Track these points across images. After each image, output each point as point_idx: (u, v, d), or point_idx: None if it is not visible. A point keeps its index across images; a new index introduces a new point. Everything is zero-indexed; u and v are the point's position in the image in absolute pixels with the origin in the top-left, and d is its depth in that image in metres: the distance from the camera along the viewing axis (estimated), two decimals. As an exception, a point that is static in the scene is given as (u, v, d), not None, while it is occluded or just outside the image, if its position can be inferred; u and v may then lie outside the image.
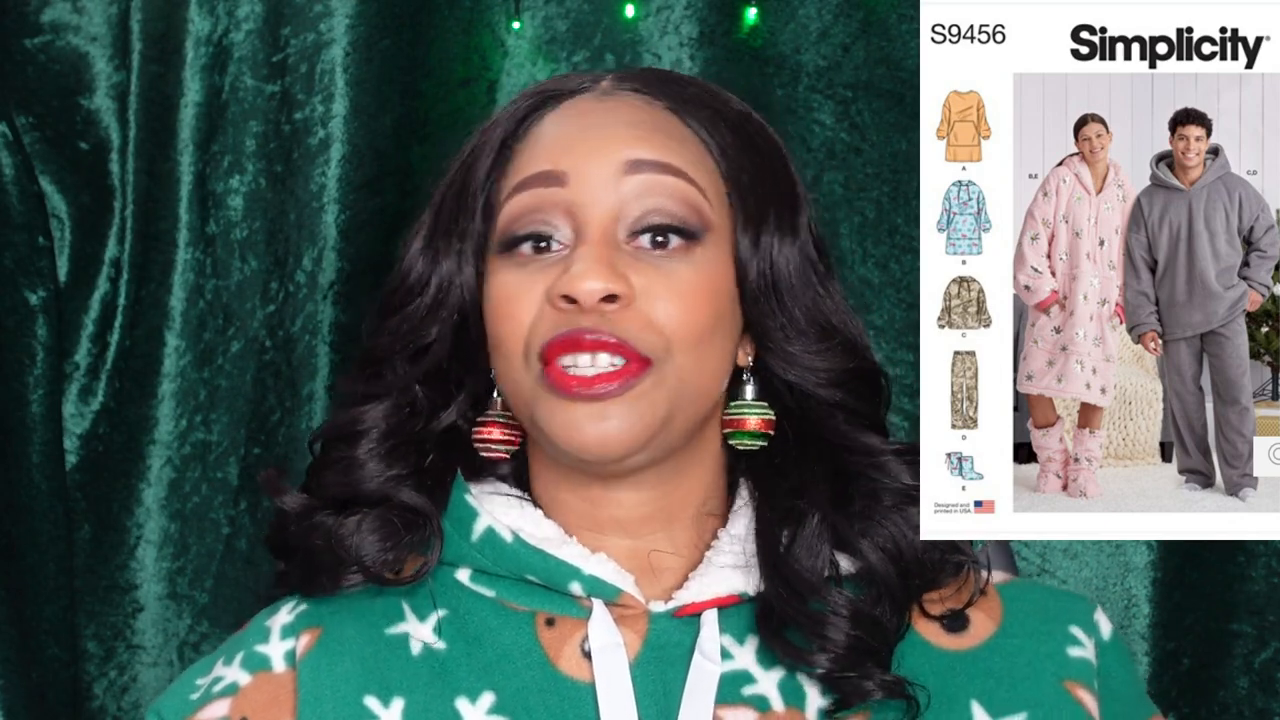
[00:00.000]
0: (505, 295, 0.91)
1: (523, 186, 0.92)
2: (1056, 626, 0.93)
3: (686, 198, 0.90)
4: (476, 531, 0.94)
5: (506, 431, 0.96)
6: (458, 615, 0.93)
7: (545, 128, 0.94)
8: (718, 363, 0.92)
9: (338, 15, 1.40)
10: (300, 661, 0.92)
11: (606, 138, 0.92)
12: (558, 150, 0.92)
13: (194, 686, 0.95)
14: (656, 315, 0.89)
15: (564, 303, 0.88)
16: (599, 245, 0.89)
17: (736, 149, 0.93)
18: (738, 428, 0.94)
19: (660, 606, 0.91)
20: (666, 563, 0.94)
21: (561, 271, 0.89)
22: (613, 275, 0.88)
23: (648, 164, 0.90)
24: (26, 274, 1.38)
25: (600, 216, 0.90)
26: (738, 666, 0.90)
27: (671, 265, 0.90)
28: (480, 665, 0.91)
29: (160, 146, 1.42)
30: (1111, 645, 0.95)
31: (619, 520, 0.94)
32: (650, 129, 0.92)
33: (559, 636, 0.91)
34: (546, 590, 0.92)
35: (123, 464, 1.44)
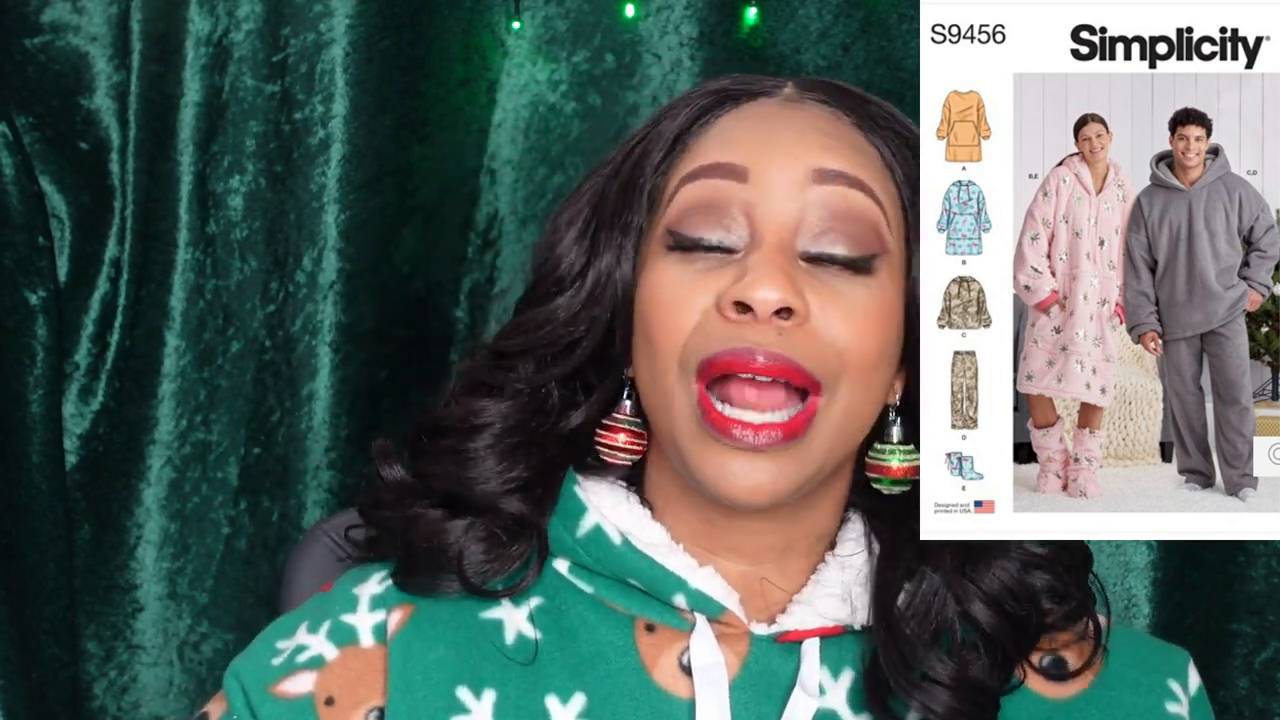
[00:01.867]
0: (668, 294, 0.86)
1: (698, 175, 0.87)
2: (1156, 679, 0.93)
3: (869, 218, 0.87)
4: (583, 528, 0.91)
5: (633, 439, 0.92)
6: (554, 605, 0.91)
7: (725, 123, 0.90)
8: (879, 395, 0.89)
9: (338, 15, 1.40)
10: (392, 641, 0.89)
11: (795, 141, 0.87)
12: (741, 145, 0.88)
13: (275, 650, 0.91)
14: (832, 337, 0.85)
15: (735, 312, 0.83)
16: (776, 253, 0.84)
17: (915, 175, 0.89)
18: (881, 473, 0.91)
19: (763, 630, 0.89)
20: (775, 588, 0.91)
21: (735, 277, 0.84)
22: (791, 288, 0.83)
23: (836, 175, 0.87)
24: (26, 274, 1.38)
25: (780, 222, 0.85)
26: (829, 705, 0.88)
27: (845, 286, 0.86)
28: (574, 663, 0.88)
29: (160, 146, 1.42)
30: (1198, 698, 0.94)
31: (734, 546, 0.91)
32: (839, 139, 0.89)
33: (657, 645, 0.89)
34: (647, 596, 0.90)
35: (123, 464, 1.44)
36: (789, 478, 0.85)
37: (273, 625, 0.94)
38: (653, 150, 0.90)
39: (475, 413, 0.91)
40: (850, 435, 0.88)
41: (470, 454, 0.91)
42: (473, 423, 0.91)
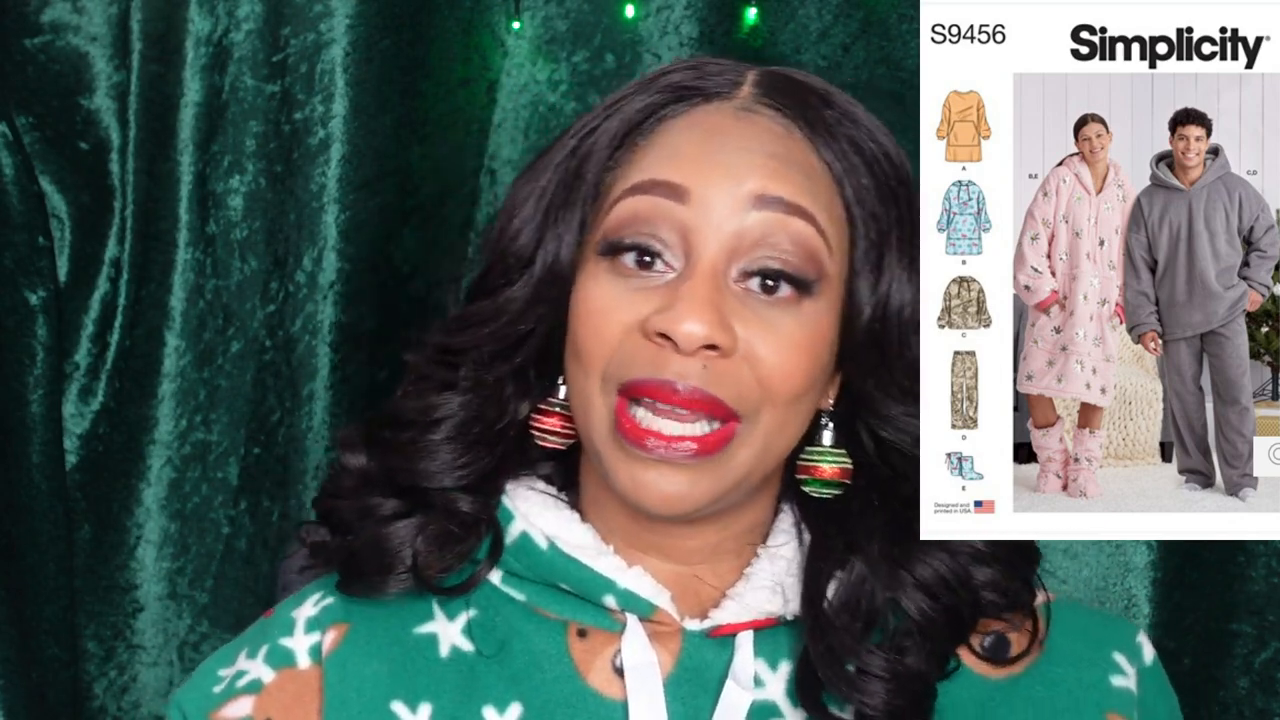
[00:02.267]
0: (598, 306, 0.86)
1: (640, 190, 0.86)
2: (1100, 653, 0.92)
3: (808, 245, 0.85)
4: (511, 535, 0.91)
5: (565, 424, 0.91)
6: (488, 617, 0.91)
7: (675, 134, 0.88)
8: (805, 419, 0.89)
9: (338, 15, 1.40)
10: (327, 659, 0.90)
11: (738, 164, 0.86)
12: (685, 162, 0.86)
13: (216, 678, 0.92)
14: (757, 370, 0.84)
15: (660, 340, 0.83)
16: (707, 283, 0.83)
17: (868, 186, 0.88)
18: (811, 475, 0.90)
19: (695, 625, 0.89)
20: (707, 585, 0.91)
21: (664, 301, 0.83)
22: (719, 323, 0.82)
23: (777, 202, 0.85)
24: (26, 274, 1.38)
25: (716, 247, 0.84)
26: (767, 697, 0.88)
27: (777, 316, 0.85)
28: (509, 673, 0.88)
29: (160, 146, 1.42)
30: (1152, 671, 0.94)
31: (662, 548, 0.91)
32: (786, 161, 0.87)
33: (590, 649, 0.89)
34: (579, 600, 0.90)
35: (123, 464, 1.44)
36: (704, 490, 0.85)
37: (215, 654, 0.95)
38: (600, 145, 0.89)
39: (434, 406, 0.91)
40: (774, 454, 0.88)
41: (430, 446, 0.90)
42: (431, 416, 0.91)
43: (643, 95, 0.90)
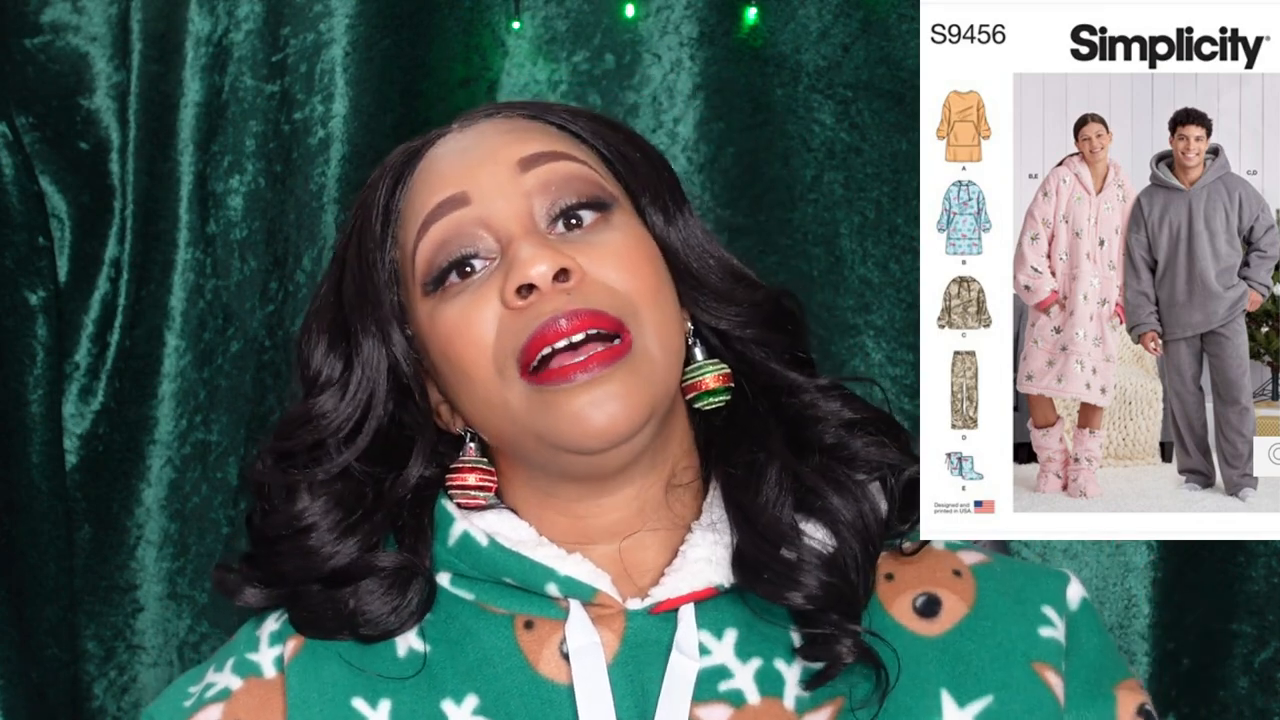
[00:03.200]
0: (455, 325, 0.89)
1: (429, 222, 0.91)
2: (1029, 607, 0.93)
3: (584, 176, 0.91)
4: (452, 536, 0.93)
5: (482, 476, 0.94)
6: (440, 619, 0.93)
7: (425, 171, 0.93)
8: (676, 322, 0.92)
9: (338, 15, 1.40)
10: (289, 665, 0.93)
11: (491, 147, 0.92)
12: (448, 176, 0.92)
13: (186, 694, 0.95)
14: (611, 281, 0.89)
15: (520, 298, 0.87)
16: (528, 237, 0.89)
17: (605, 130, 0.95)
18: (699, 389, 0.94)
19: (637, 604, 0.91)
20: (644, 558, 0.93)
21: (504, 274, 0.88)
22: (557, 253, 0.87)
23: (538, 156, 0.91)
24: (26, 274, 1.38)
25: (514, 217, 0.90)
26: (715, 661, 0.90)
27: (598, 236, 0.90)
28: (463, 668, 0.91)
29: (160, 146, 1.42)
30: (1079, 614, 0.94)
31: (603, 527, 0.93)
32: (530, 131, 0.93)
33: (538, 639, 0.91)
34: (524, 592, 0.92)
35: (123, 464, 1.44)
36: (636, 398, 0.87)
37: (184, 674, 0.98)
38: (371, 231, 0.94)
39: (297, 516, 0.93)
40: (671, 352, 0.91)
41: (315, 546, 0.92)
42: (298, 526, 0.93)
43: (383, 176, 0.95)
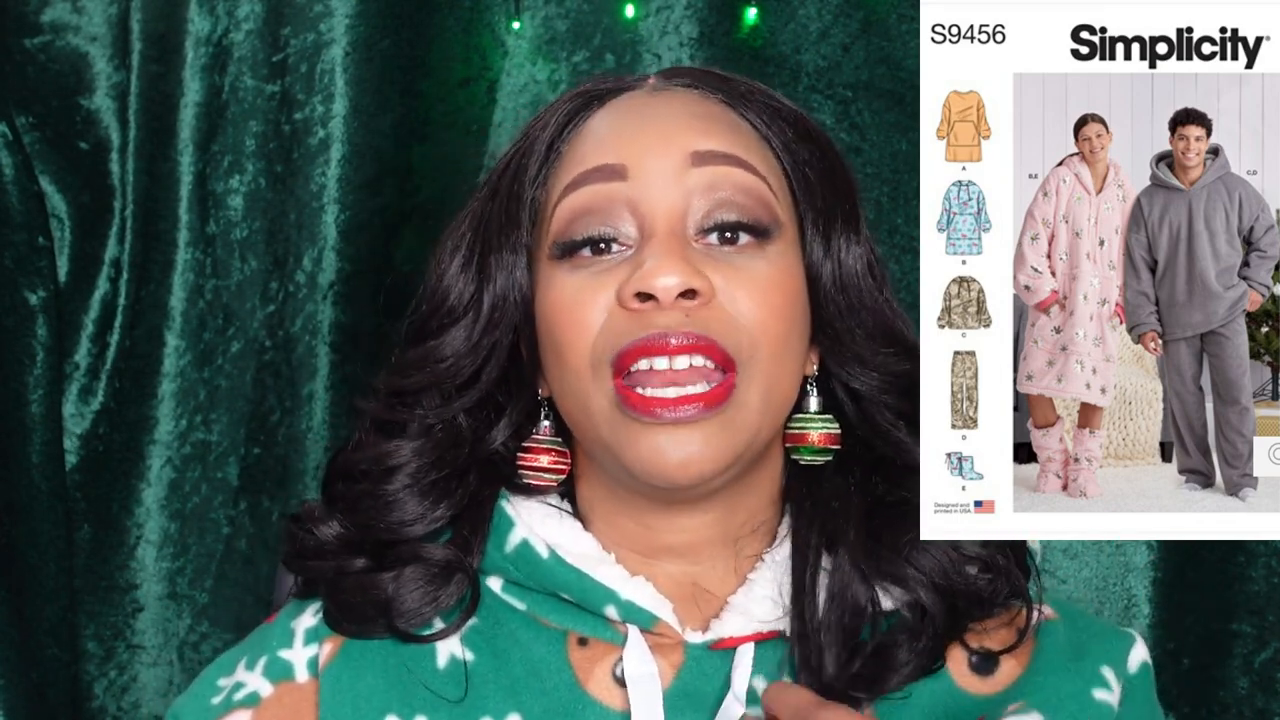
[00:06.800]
0: (568, 301, 0.85)
1: (579, 183, 0.87)
2: (1087, 665, 0.91)
3: (756, 192, 0.87)
4: (511, 543, 0.90)
5: (556, 459, 0.91)
6: (486, 625, 0.90)
7: (596, 124, 0.89)
8: (797, 368, 0.88)
9: (338, 15, 1.40)
10: (322, 673, 0.89)
11: (668, 129, 0.87)
12: (616, 143, 0.87)
13: (215, 688, 0.91)
14: (739, 313, 0.84)
15: (638, 302, 0.83)
16: (670, 239, 0.84)
17: (797, 145, 0.90)
18: (800, 442, 0.90)
19: (697, 638, 0.88)
20: (708, 582, 0.90)
21: (631, 270, 0.84)
22: (690, 269, 0.83)
23: (715, 155, 0.86)
24: (26, 274, 1.38)
25: (667, 211, 0.85)
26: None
27: (746, 261, 0.85)
28: (507, 682, 0.87)
29: (160, 146, 1.42)
30: (1137, 678, 0.93)
31: (674, 546, 0.90)
32: (711, 119, 0.88)
33: (590, 658, 0.88)
34: (580, 610, 0.89)
35: (123, 464, 1.45)
36: (718, 448, 0.84)
37: (215, 663, 0.94)
38: (528, 164, 0.89)
39: (388, 454, 0.90)
40: (774, 406, 0.87)
41: (389, 497, 0.89)
42: (386, 464, 0.90)
43: (554, 112, 0.91)
